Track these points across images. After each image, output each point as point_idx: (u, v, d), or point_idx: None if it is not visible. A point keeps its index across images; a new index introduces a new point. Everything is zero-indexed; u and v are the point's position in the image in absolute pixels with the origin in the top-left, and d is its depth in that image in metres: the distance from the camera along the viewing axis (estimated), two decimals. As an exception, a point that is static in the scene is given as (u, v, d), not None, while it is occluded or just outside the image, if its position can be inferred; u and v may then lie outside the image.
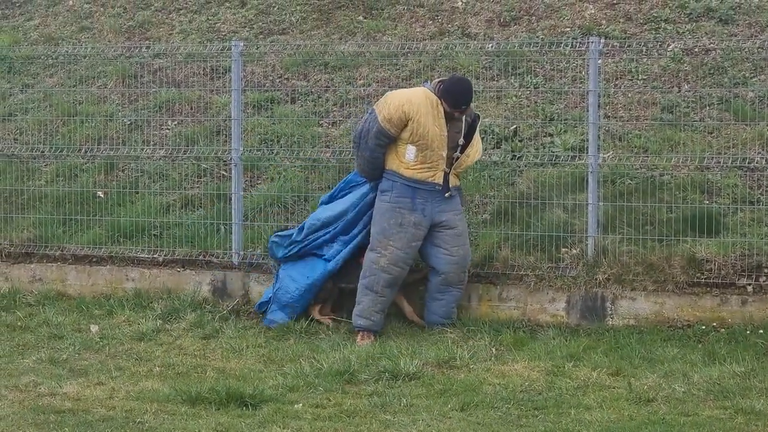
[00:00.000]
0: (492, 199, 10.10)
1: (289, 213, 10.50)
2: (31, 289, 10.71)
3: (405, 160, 9.23)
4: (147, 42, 12.96)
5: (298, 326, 9.41)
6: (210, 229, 10.54)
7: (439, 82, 9.36)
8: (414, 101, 9.16)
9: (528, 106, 10.99)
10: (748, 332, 8.86)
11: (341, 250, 9.58)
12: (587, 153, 9.73)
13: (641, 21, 11.85)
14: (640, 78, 11.04)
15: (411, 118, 9.11)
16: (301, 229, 9.67)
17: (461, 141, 9.30)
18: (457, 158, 9.31)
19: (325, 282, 9.58)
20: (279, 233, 9.82)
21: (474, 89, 9.44)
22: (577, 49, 10.54)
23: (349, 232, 9.60)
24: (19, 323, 9.84)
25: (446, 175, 9.30)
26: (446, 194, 9.30)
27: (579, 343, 8.85)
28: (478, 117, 9.56)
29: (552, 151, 10.25)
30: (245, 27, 13.17)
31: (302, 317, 9.56)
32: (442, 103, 9.16)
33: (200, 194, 10.85)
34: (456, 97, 9.19)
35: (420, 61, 11.57)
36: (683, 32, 11.55)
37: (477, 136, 9.47)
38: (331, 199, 9.80)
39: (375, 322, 9.28)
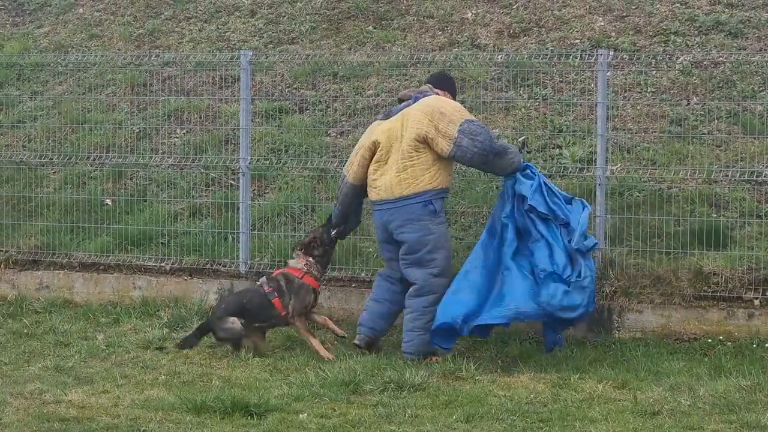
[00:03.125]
0: (499, 210, 10.08)
1: (297, 223, 10.51)
2: (38, 297, 10.73)
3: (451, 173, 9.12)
4: (156, 50, 12.99)
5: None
6: (217, 238, 10.56)
7: (432, 81, 9.25)
8: None
9: (537, 117, 10.99)
10: (754, 346, 8.85)
11: None
12: (595, 165, 9.73)
13: (650, 34, 11.85)
14: (648, 90, 11.03)
15: None
16: None
17: None
18: None
19: None
20: None
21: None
22: (586, 61, 10.53)
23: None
24: (25, 330, 9.86)
25: None
26: None
27: (585, 355, 8.84)
28: None
29: (560, 163, 10.24)
30: (255, 36, 13.19)
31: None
32: (448, 95, 9.11)
33: (208, 203, 10.86)
34: (455, 84, 9.29)
35: (429, 72, 11.56)
36: (692, 45, 11.54)
37: None
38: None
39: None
